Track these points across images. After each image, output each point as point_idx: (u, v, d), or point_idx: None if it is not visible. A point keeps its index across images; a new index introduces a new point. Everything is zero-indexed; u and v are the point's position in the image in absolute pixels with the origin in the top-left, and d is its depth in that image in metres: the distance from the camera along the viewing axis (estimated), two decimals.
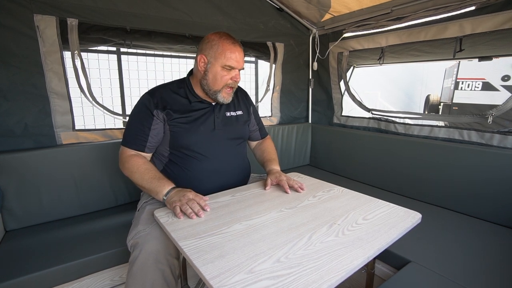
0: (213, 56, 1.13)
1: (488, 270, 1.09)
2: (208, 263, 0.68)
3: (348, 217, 0.93)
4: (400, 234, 0.84)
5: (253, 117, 1.44)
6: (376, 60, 2.11)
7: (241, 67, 1.17)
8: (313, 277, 0.64)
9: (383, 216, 0.93)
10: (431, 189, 1.69)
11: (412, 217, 0.93)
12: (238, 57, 1.14)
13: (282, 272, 0.65)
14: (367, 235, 0.81)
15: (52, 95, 1.48)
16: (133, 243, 1.00)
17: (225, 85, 1.16)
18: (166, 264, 0.95)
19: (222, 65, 1.13)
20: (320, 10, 2.10)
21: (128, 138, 1.16)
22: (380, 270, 1.28)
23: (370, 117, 2.16)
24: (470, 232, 1.37)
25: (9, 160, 1.34)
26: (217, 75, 1.14)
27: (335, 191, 1.15)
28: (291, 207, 1.00)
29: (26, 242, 1.28)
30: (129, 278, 0.96)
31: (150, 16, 1.70)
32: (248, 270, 0.66)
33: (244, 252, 0.73)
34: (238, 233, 0.82)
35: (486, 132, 1.53)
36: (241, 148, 1.31)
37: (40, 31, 1.41)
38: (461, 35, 1.56)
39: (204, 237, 0.80)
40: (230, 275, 0.64)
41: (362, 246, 0.76)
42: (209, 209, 0.95)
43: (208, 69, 1.15)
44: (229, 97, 1.20)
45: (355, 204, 1.03)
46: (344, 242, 0.78)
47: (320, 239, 0.79)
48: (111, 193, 1.63)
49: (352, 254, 0.72)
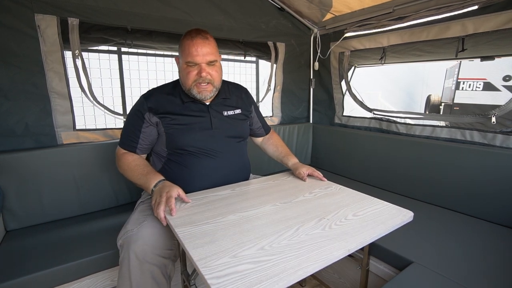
0: (180, 55, 1.14)
1: (491, 271, 1.08)
2: (198, 247, 0.74)
3: (339, 213, 0.96)
4: (387, 231, 0.87)
5: (255, 115, 1.44)
6: (377, 60, 2.10)
7: (204, 61, 1.10)
8: (291, 264, 0.68)
9: (374, 213, 0.96)
10: (433, 189, 1.69)
11: (403, 215, 0.95)
12: (198, 50, 1.08)
13: (264, 259, 0.70)
14: (353, 230, 0.85)
15: (52, 94, 1.48)
16: (121, 243, 1.00)
17: (193, 82, 1.12)
18: (155, 264, 0.95)
19: (185, 61, 1.11)
20: (321, 9, 2.09)
21: (122, 138, 1.21)
22: (382, 271, 1.27)
23: (371, 117, 2.15)
24: (472, 233, 1.36)
25: (9, 160, 1.34)
26: (183, 73, 1.14)
27: (332, 189, 1.18)
28: (286, 201, 1.04)
29: (27, 242, 1.28)
30: (119, 279, 0.96)
31: (151, 15, 1.69)
32: (232, 255, 0.71)
33: (233, 239, 0.79)
34: (230, 223, 0.88)
35: (489, 132, 1.52)
36: (241, 146, 1.30)
37: (41, 31, 1.41)
38: (463, 34, 1.56)
39: (199, 225, 0.86)
40: (216, 258, 0.70)
41: (345, 240, 0.79)
42: (175, 214, 0.93)
43: (180, 68, 1.17)
44: (206, 92, 1.15)
45: (349, 201, 1.06)
46: (329, 235, 0.82)
47: (306, 231, 0.83)
48: (111, 193, 1.62)
49: (334, 246, 0.76)
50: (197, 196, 1.09)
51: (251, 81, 2.71)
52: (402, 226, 0.92)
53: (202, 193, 1.12)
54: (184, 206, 0.99)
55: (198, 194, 1.11)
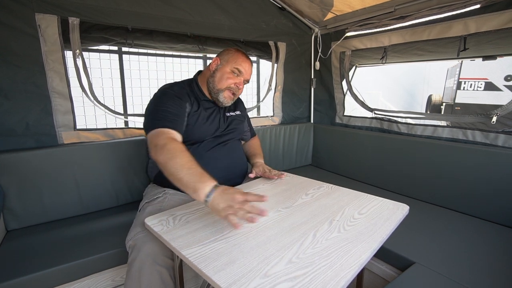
0: (226, 60, 1.28)
1: (493, 272, 1.08)
2: (220, 271, 0.65)
3: (344, 212, 0.96)
4: (394, 226, 0.88)
5: (246, 120, 1.57)
6: (378, 59, 2.09)
7: (247, 77, 1.30)
8: (329, 275, 0.64)
9: (376, 210, 0.97)
10: (435, 189, 1.68)
11: (401, 209, 0.98)
12: (247, 68, 1.29)
13: (298, 273, 0.65)
14: (366, 229, 0.85)
15: (53, 94, 1.48)
16: (131, 244, 1.00)
17: (227, 87, 1.26)
18: (164, 265, 0.95)
19: (232, 67, 1.26)
20: (322, 9, 2.09)
21: (166, 119, 1.07)
22: (384, 272, 1.26)
23: (372, 117, 2.14)
24: (475, 233, 1.35)
25: (10, 160, 1.34)
26: (224, 75, 1.26)
27: (325, 188, 1.18)
28: (287, 206, 1.01)
29: (27, 242, 1.28)
30: (127, 280, 0.95)
31: (151, 15, 1.69)
32: (263, 274, 0.64)
33: (253, 255, 0.71)
34: (242, 237, 0.80)
35: (491, 132, 1.52)
36: (239, 143, 1.45)
37: (42, 30, 1.40)
38: (465, 34, 1.55)
39: (207, 243, 0.77)
40: (246, 281, 0.62)
41: (365, 240, 0.79)
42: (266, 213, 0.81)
43: (218, 69, 1.28)
44: (230, 100, 1.30)
45: (347, 200, 1.06)
46: (348, 237, 0.80)
47: (325, 236, 0.81)
48: (112, 192, 1.62)
49: (359, 249, 0.74)
50: (189, 209, 0.98)
51: (252, 80, 2.71)
52: (404, 226, 0.93)
53: (191, 205, 1.01)
54: (179, 222, 0.89)
55: (189, 206, 1.00)
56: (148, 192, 1.28)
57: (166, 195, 1.20)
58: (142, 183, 1.69)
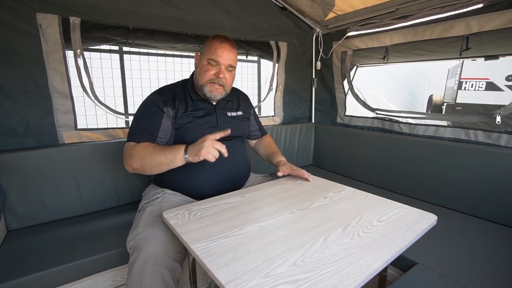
0: (203, 52, 1.22)
1: (495, 272, 1.07)
2: (223, 267, 0.66)
3: (362, 219, 0.90)
4: (417, 237, 0.82)
5: (254, 119, 1.53)
6: (380, 59, 2.08)
7: (226, 63, 1.20)
8: (333, 282, 0.62)
9: (398, 218, 0.91)
10: (436, 190, 1.67)
11: (427, 219, 0.91)
12: (224, 53, 1.18)
13: (300, 277, 0.63)
14: (384, 238, 0.79)
15: (54, 94, 1.48)
16: (132, 245, 0.99)
17: (208, 80, 1.20)
18: (166, 267, 0.94)
19: (207, 59, 1.19)
20: (324, 9, 2.08)
21: (136, 133, 1.15)
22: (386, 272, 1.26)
23: (374, 117, 2.13)
24: (477, 234, 1.34)
25: (11, 160, 1.34)
26: (202, 69, 1.21)
27: (346, 192, 1.13)
28: (303, 208, 0.98)
29: (28, 242, 1.27)
30: (128, 281, 0.95)
31: (152, 15, 1.69)
32: (264, 274, 0.64)
33: (259, 255, 0.71)
34: (251, 235, 0.80)
35: (493, 132, 1.51)
36: (242, 145, 1.40)
37: (43, 30, 1.40)
38: (467, 33, 1.54)
39: (216, 239, 0.78)
40: (246, 279, 0.62)
41: (379, 249, 0.74)
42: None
43: (198, 64, 1.24)
44: (217, 92, 1.23)
45: (367, 205, 1.01)
46: (361, 244, 0.76)
47: (336, 241, 0.77)
48: (113, 192, 1.62)
49: (370, 258, 0.70)
50: (205, 205, 1.02)
51: (253, 80, 2.71)
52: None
53: (209, 201, 1.05)
54: (193, 217, 0.92)
55: (206, 202, 1.04)
56: (147, 193, 1.28)
57: (165, 195, 1.19)
58: (143, 183, 1.68)
